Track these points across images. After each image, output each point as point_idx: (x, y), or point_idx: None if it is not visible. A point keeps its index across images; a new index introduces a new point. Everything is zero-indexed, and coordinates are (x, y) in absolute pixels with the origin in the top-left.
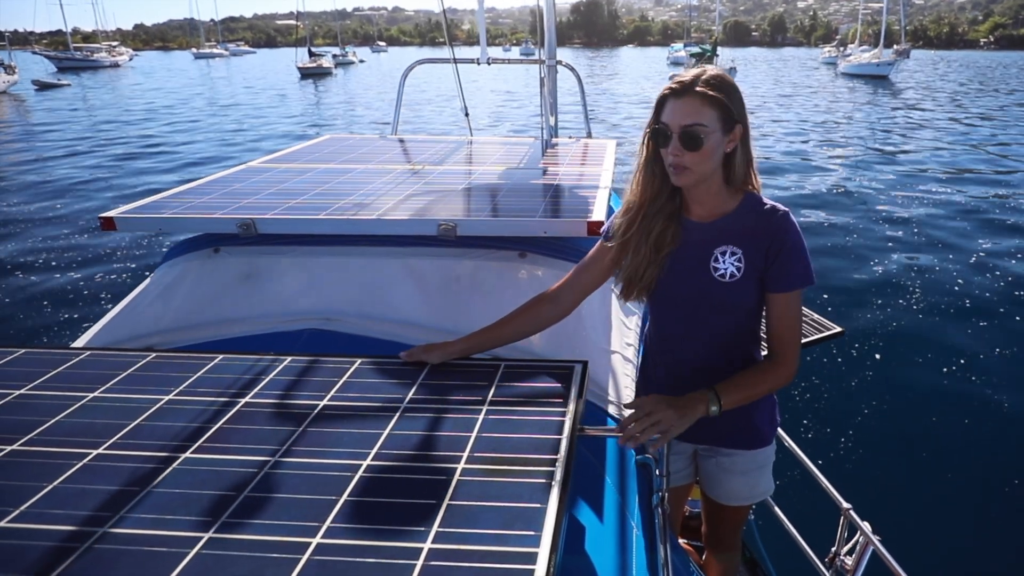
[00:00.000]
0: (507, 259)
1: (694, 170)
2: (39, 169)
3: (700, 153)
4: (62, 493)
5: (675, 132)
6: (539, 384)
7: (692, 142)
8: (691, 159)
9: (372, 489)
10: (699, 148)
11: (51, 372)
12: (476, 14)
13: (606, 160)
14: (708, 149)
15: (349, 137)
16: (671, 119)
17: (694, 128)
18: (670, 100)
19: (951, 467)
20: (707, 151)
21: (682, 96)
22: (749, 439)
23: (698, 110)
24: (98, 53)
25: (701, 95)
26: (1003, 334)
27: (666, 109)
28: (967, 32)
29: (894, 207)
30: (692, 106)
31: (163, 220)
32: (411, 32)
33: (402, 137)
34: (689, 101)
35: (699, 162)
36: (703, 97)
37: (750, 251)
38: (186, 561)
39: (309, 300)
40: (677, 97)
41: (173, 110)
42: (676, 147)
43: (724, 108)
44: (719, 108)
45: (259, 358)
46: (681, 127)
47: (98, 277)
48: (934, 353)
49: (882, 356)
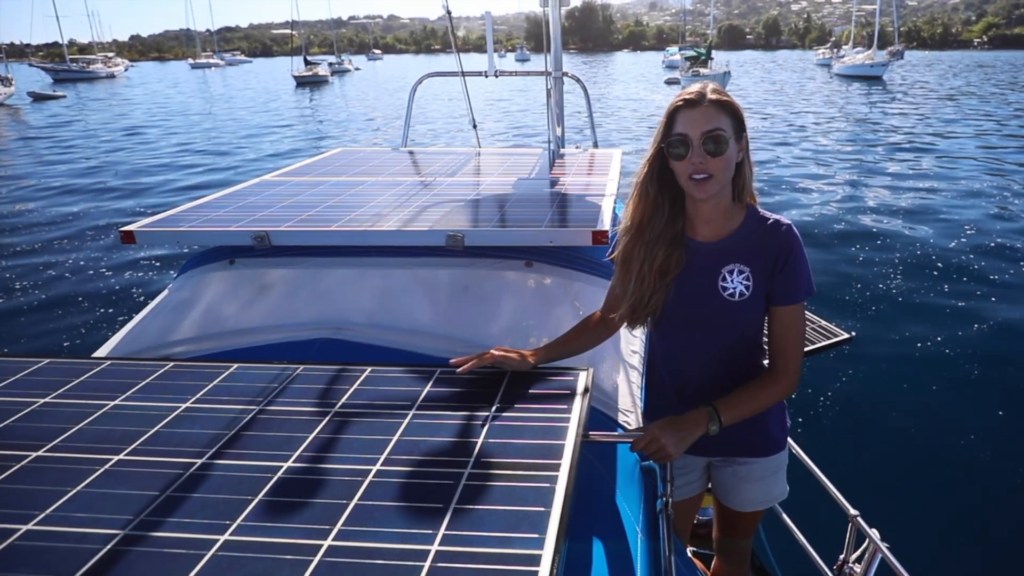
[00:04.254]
0: (514, 268)
1: (718, 178)
2: (40, 181)
3: (723, 159)
4: (85, 497)
5: (696, 140)
6: (545, 390)
7: (716, 147)
8: (715, 165)
9: (382, 493)
10: (723, 153)
11: (74, 381)
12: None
13: (612, 169)
14: (729, 155)
15: (360, 150)
16: (689, 129)
17: (716, 132)
18: (683, 111)
19: (960, 474)
20: (729, 157)
21: (698, 105)
22: (764, 446)
23: (716, 116)
24: (94, 64)
25: (716, 103)
26: (1016, 341)
27: (680, 121)
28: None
29: (899, 209)
30: (709, 113)
31: (180, 233)
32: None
33: (411, 149)
34: (705, 110)
35: (723, 169)
36: (718, 105)
37: (757, 268)
38: (203, 562)
39: (321, 310)
40: (692, 107)
41: (169, 120)
42: (699, 155)
43: (736, 116)
44: (732, 116)
45: (273, 366)
46: (703, 133)
47: (116, 288)
48: (943, 359)
49: (891, 362)
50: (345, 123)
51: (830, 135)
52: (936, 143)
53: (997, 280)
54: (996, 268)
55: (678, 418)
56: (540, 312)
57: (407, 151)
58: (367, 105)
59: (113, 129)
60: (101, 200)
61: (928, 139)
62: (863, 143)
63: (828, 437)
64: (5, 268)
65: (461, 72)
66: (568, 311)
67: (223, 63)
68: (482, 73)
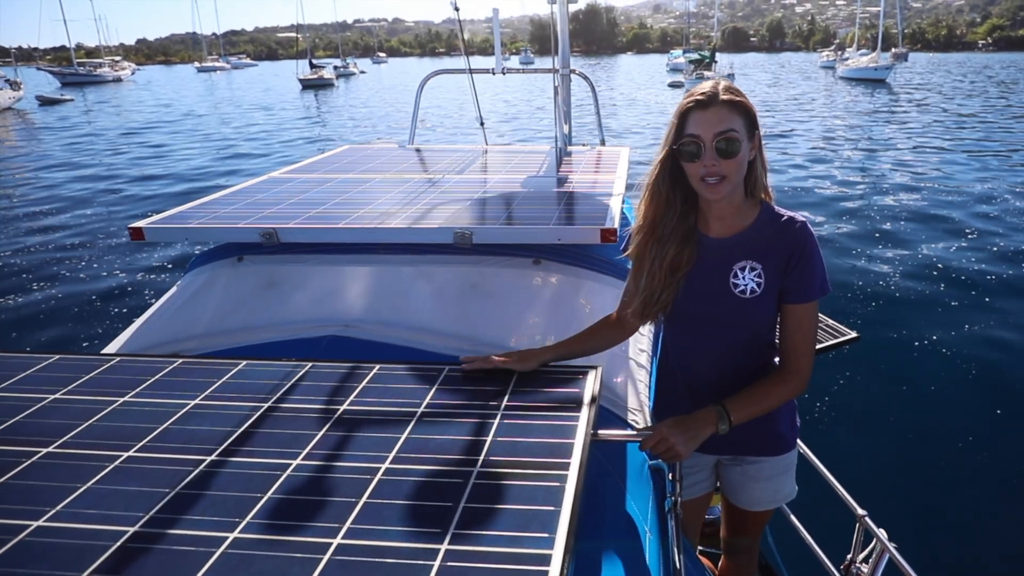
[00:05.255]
0: (522, 266)
1: (731, 179)
2: (48, 181)
3: (736, 160)
4: (95, 494)
5: (708, 142)
6: (554, 389)
7: (728, 149)
8: (728, 167)
9: (391, 491)
10: (736, 155)
11: (84, 377)
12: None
13: (619, 167)
14: (742, 156)
15: (367, 147)
16: (701, 130)
17: (729, 134)
18: (695, 112)
19: (968, 474)
20: (741, 158)
21: (710, 106)
22: (774, 445)
23: (728, 117)
24: (101, 68)
25: (728, 103)
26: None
27: (691, 122)
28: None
29: (906, 211)
30: (722, 114)
31: (189, 230)
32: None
33: (419, 147)
34: (718, 110)
35: (735, 170)
36: (730, 105)
37: (770, 265)
38: (213, 559)
39: (329, 307)
40: (704, 108)
41: (175, 123)
42: (712, 157)
43: (748, 114)
44: (744, 115)
45: (281, 364)
46: (715, 135)
47: (126, 285)
48: (952, 359)
49: (899, 362)
50: (351, 125)
51: (834, 138)
52: (942, 146)
53: (1005, 282)
54: (1004, 270)
55: (687, 417)
56: (548, 310)
57: (414, 148)
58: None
59: (120, 132)
60: (110, 199)
61: (935, 142)
62: (867, 146)
63: (835, 436)
64: (16, 266)
65: (469, 69)
66: (576, 309)
67: (229, 66)
68: (489, 70)
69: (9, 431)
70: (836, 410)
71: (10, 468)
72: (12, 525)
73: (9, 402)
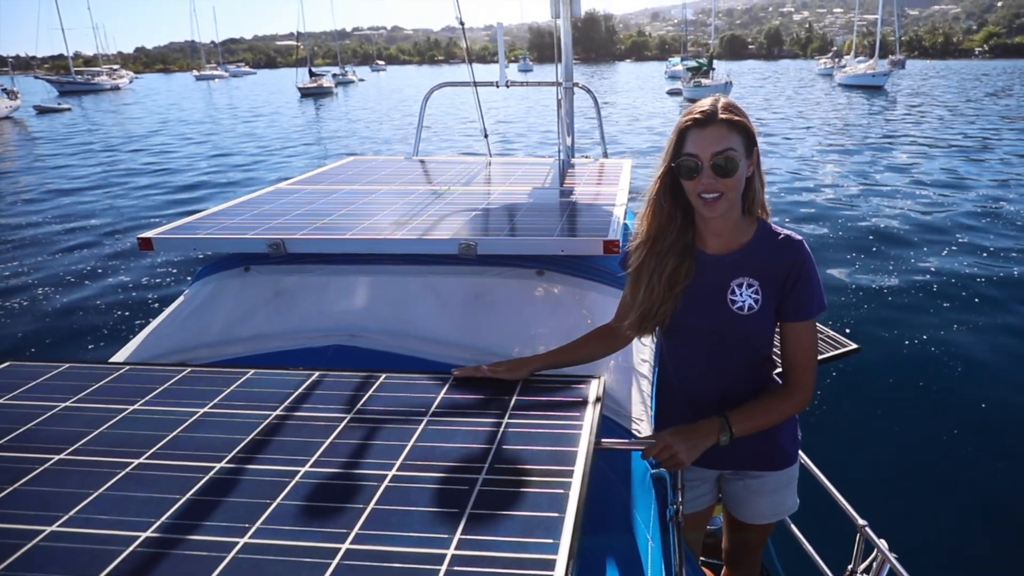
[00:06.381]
0: (526, 277)
1: (728, 196)
2: (46, 190)
3: (733, 178)
4: (107, 500)
5: (706, 161)
6: (558, 398)
7: (727, 167)
8: (725, 185)
9: (397, 497)
10: (733, 173)
11: (93, 386)
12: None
13: (622, 179)
14: (740, 174)
15: (372, 159)
16: (699, 149)
17: (727, 153)
18: (693, 130)
19: (969, 484)
20: (739, 176)
21: (708, 125)
22: (776, 459)
23: (726, 136)
24: (99, 77)
25: (727, 122)
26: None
27: (690, 140)
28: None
29: (907, 218)
30: (720, 133)
31: (197, 240)
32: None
33: (423, 159)
34: (716, 129)
35: (733, 188)
36: (729, 124)
37: (767, 283)
38: (224, 565)
39: (335, 317)
40: (703, 127)
41: (174, 131)
42: (709, 175)
43: (746, 132)
44: (742, 132)
45: (289, 373)
46: (713, 154)
47: (133, 295)
48: (952, 370)
49: (899, 373)
50: (350, 134)
51: (831, 145)
52: (940, 155)
53: (1006, 292)
54: (1005, 280)
55: (690, 426)
56: (551, 320)
57: (418, 160)
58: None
59: (119, 140)
60: (109, 208)
61: (932, 151)
62: (864, 154)
63: (836, 447)
64: (24, 276)
65: (473, 82)
66: (579, 319)
67: (227, 75)
68: (494, 83)
69: (21, 438)
70: (837, 420)
71: (24, 474)
72: (26, 530)
73: (21, 410)
